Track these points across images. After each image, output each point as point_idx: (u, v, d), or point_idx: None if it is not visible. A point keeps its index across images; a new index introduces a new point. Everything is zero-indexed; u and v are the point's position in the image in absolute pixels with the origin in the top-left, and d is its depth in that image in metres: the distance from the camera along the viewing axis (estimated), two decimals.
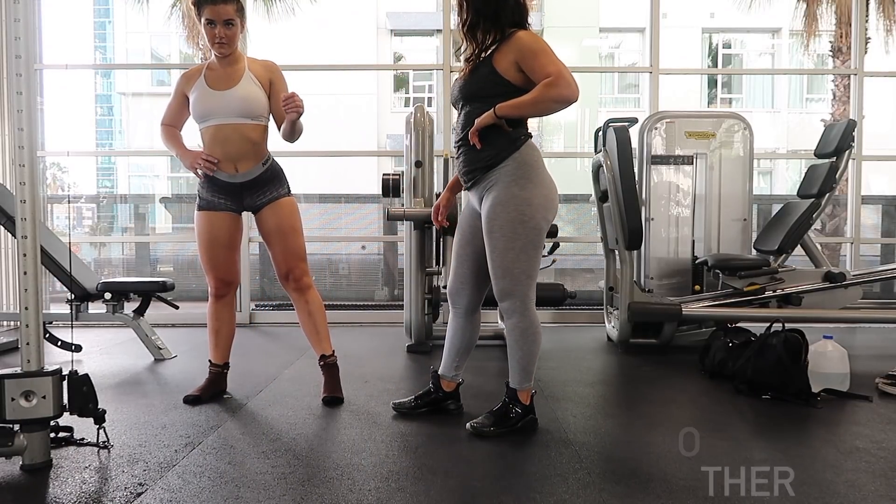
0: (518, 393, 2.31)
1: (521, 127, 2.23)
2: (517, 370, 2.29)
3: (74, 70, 13.26)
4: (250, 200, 2.70)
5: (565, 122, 15.96)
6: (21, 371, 1.94)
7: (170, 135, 2.75)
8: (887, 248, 6.48)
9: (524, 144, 2.21)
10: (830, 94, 10.55)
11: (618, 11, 15.53)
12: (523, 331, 2.25)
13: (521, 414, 2.31)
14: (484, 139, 2.17)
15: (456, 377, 2.54)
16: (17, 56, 1.91)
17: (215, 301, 2.79)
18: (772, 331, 2.89)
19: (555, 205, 2.23)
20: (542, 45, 2.15)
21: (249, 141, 2.64)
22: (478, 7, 2.20)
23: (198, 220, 2.72)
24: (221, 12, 2.57)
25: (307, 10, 10.61)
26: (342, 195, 8.16)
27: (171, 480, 1.89)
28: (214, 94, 2.62)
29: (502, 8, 2.20)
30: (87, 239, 9.13)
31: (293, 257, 2.72)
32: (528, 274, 2.21)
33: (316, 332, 2.77)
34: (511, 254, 2.17)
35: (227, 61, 2.66)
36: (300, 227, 2.75)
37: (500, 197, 2.17)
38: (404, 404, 2.56)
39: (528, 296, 2.22)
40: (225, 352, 2.85)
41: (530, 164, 2.19)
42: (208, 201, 2.70)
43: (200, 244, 2.73)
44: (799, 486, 1.84)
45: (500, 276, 2.21)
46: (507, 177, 2.17)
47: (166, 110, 2.76)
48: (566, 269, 7.77)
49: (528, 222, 2.16)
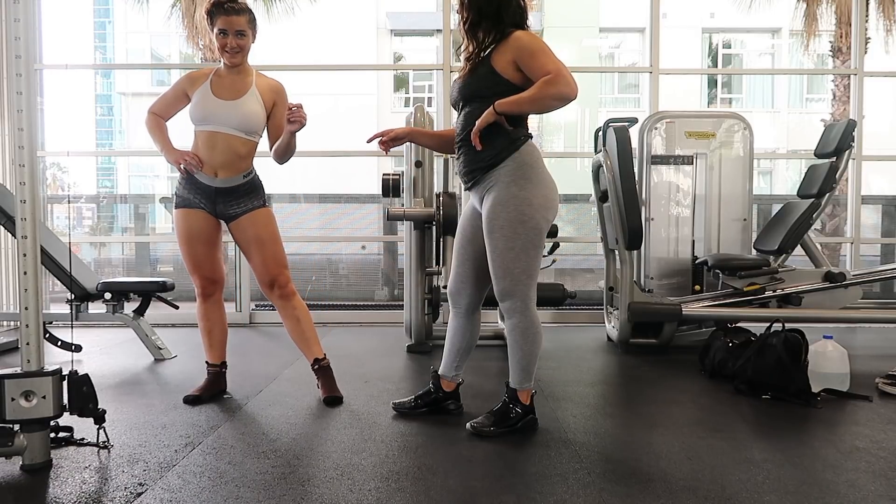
0: (518, 393, 2.31)
1: (521, 127, 2.23)
2: (517, 370, 2.29)
3: (74, 70, 13.26)
4: (223, 208, 2.69)
5: (565, 123, 15.97)
6: (21, 371, 1.94)
7: (157, 124, 2.74)
8: (887, 248, 6.49)
9: (524, 144, 2.20)
10: (830, 94, 10.55)
11: (618, 11, 15.55)
12: (524, 331, 2.25)
13: (521, 414, 2.31)
14: (484, 139, 2.16)
15: (456, 377, 2.54)
16: (17, 56, 1.91)
17: (203, 301, 2.79)
18: (772, 331, 2.89)
19: (555, 204, 2.23)
20: (541, 45, 2.15)
21: (237, 154, 2.66)
22: (480, 6, 2.20)
23: (176, 219, 2.73)
24: (234, 23, 2.60)
25: (307, 10, 10.61)
26: (342, 195, 8.17)
27: (171, 480, 1.89)
28: (217, 101, 2.64)
29: (505, 8, 2.20)
30: (87, 239, 9.13)
31: (276, 265, 2.72)
32: (529, 273, 2.21)
33: (305, 338, 2.77)
34: (511, 253, 2.18)
35: (235, 71, 2.68)
36: (279, 235, 2.76)
37: (501, 197, 2.17)
38: (404, 404, 2.56)
39: (528, 296, 2.23)
40: (220, 351, 2.85)
41: (530, 165, 2.19)
42: (185, 199, 2.70)
43: (181, 242, 2.72)
44: (799, 486, 1.84)
45: (500, 276, 2.21)
46: (506, 177, 2.18)
47: (159, 99, 2.76)
48: (566, 269, 7.78)
49: (527, 222, 2.16)
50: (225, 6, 2.59)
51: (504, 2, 2.20)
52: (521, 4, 2.24)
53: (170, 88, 2.75)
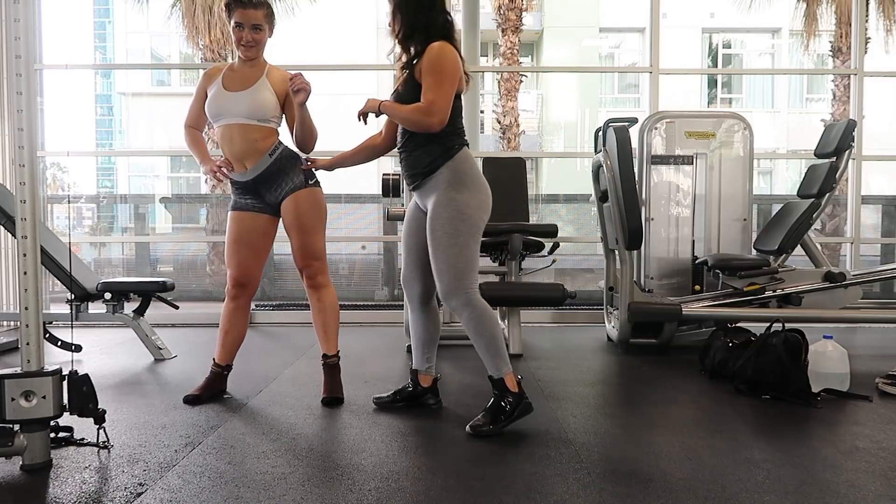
0: (504, 381, 2.34)
1: (455, 136, 2.35)
2: (489, 358, 2.35)
3: (74, 70, 13.25)
4: (271, 197, 2.72)
5: (565, 123, 15.98)
6: (21, 371, 1.94)
7: (193, 138, 2.80)
8: (887, 248, 6.49)
9: (458, 153, 2.34)
10: (830, 94, 10.56)
11: (618, 11, 15.54)
12: (477, 319, 2.31)
13: (514, 402, 2.34)
14: (421, 147, 2.34)
15: (430, 370, 2.63)
16: (17, 56, 1.91)
17: (229, 302, 2.80)
18: (772, 331, 2.89)
19: (489, 206, 2.37)
20: (438, 66, 2.27)
21: (254, 139, 2.66)
22: (412, 21, 2.35)
23: (228, 220, 2.79)
24: (251, 16, 2.63)
25: (307, 10, 10.61)
26: (342, 195, 8.15)
27: (171, 480, 1.89)
28: (226, 94, 2.66)
29: (433, 23, 2.34)
30: (87, 239, 9.13)
31: (307, 255, 2.73)
32: (471, 267, 2.32)
33: (324, 331, 2.78)
34: (455, 249, 2.28)
35: (249, 64, 2.71)
36: (318, 223, 2.73)
37: (440, 199, 2.31)
38: (383, 398, 2.66)
39: (471, 288, 2.31)
40: (230, 354, 2.85)
41: (464, 172, 2.32)
42: (236, 202, 2.77)
43: (227, 242, 2.78)
44: (799, 486, 1.84)
45: (444, 271, 2.30)
46: (444, 182, 2.31)
47: (189, 111, 2.80)
48: (566, 269, 7.78)
49: (467, 220, 2.29)
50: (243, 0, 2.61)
51: (431, 19, 2.34)
52: (448, 20, 2.38)
53: (193, 97, 2.79)
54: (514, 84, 12.04)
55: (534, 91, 16.06)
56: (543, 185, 15.25)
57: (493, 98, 13.84)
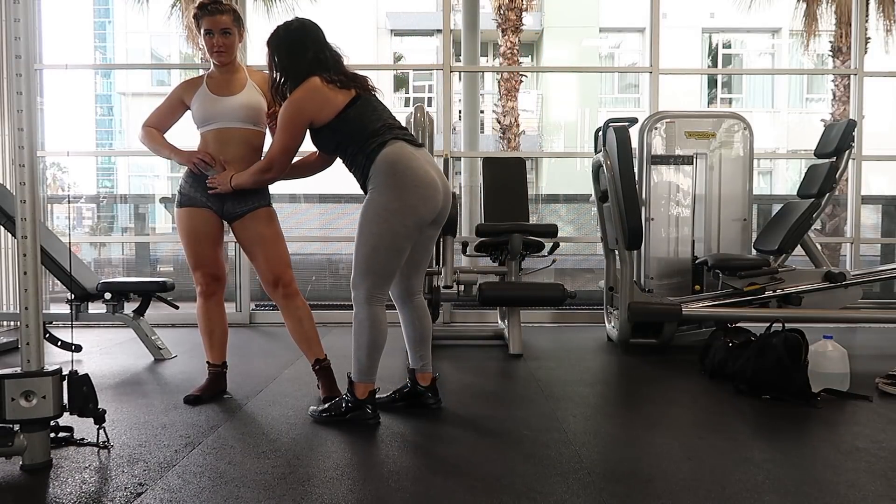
0: (355, 385, 2.41)
1: (373, 137, 2.33)
2: (355, 361, 2.40)
3: (74, 70, 13.24)
4: (231, 206, 2.69)
5: (565, 123, 15.98)
6: (21, 371, 1.94)
7: (148, 135, 2.76)
8: (887, 248, 6.48)
9: (379, 154, 2.30)
10: (830, 94, 10.56)
11: (618, 11, 15.54)
12: (360, 321, 2.36)
13: (351, 407, 2.40)
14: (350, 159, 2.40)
15: (426, 368, 2.62)
16: (17, 56, 1.91)
17: (205, 301, 2.79)
18: (772, 331, 2.89)
19: (418, 212, 2.31)
20: (286, 117, 2.37)
21: (250, 146, 2.70)
22: (284, 66, 2.42)
23: (179, 218, 2.73)
24: (219, 22, 2.65)
25: (307, 10, 10.60)
26: (342, 195, 8.14)
27: (171, 480, 1.89)
28: (218, 99, 2.67)
29: (301, 67, 2.39)
30: (87, 239, 9.12)
31: (280, 264, 2.71)
32: (376, 272, 2.32)
33: (307, 338, 2.74)
34: (364, 249, 2.32)
35: (226, 70, 2.72)
36: (282, 234, 2.77)
37: (366, 200, 2.35)
38: (383, 399, 2.64)
39: (371, 291, 2.34)
40: (221, 351, 2.85)
41: (390, 174, 2.30)
42: (190, 197, 2.71)
43: (185, 240, 2.73)
44: (799, 486, 1.84)
45: (354, 265, 2.35)
46: (372, 185, 2.33)
47: (153, 113, 2.78)
48: (566, 269, 7.76)
49: (382, 224, 2.30)
50: (208, 7, 2.64)
51: (300, 65, 2.39)
52: (318, 57, 2.41)
53: (164, 101, 2.78)
54: (514, 84, 12.05)
55: (534, 91, 16.07)
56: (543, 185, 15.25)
57: (493, 98, 13.84)
